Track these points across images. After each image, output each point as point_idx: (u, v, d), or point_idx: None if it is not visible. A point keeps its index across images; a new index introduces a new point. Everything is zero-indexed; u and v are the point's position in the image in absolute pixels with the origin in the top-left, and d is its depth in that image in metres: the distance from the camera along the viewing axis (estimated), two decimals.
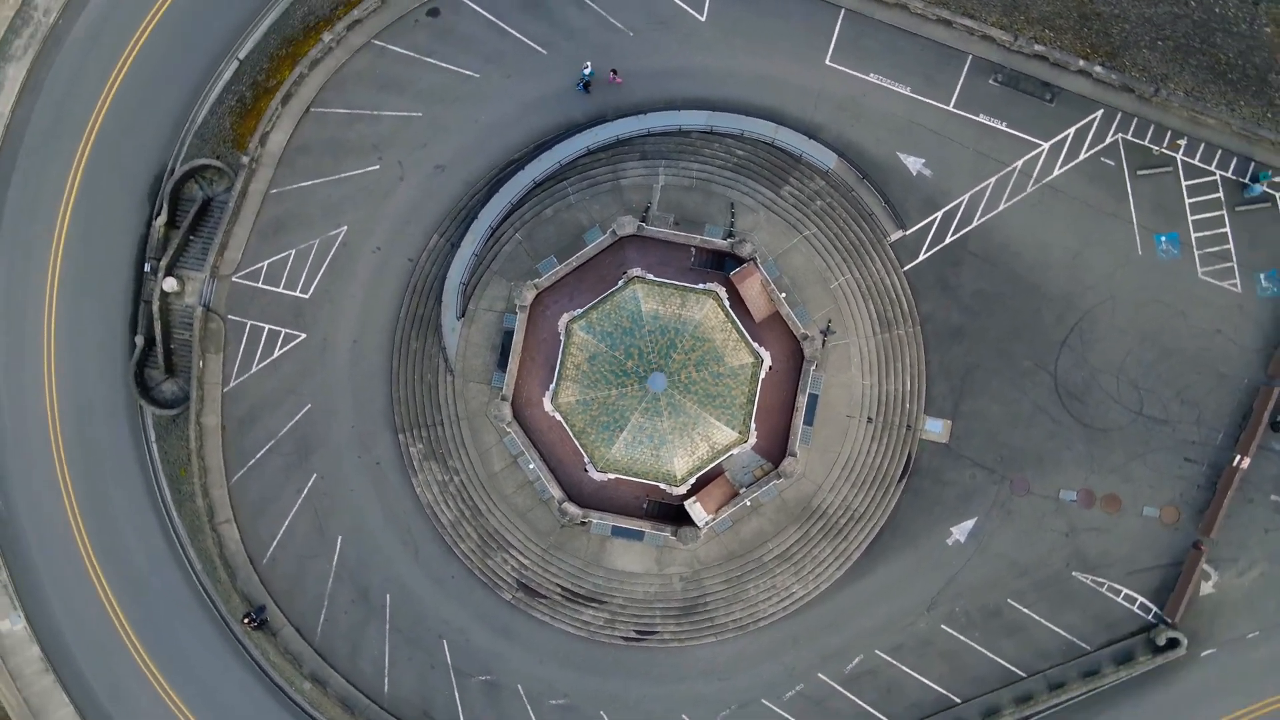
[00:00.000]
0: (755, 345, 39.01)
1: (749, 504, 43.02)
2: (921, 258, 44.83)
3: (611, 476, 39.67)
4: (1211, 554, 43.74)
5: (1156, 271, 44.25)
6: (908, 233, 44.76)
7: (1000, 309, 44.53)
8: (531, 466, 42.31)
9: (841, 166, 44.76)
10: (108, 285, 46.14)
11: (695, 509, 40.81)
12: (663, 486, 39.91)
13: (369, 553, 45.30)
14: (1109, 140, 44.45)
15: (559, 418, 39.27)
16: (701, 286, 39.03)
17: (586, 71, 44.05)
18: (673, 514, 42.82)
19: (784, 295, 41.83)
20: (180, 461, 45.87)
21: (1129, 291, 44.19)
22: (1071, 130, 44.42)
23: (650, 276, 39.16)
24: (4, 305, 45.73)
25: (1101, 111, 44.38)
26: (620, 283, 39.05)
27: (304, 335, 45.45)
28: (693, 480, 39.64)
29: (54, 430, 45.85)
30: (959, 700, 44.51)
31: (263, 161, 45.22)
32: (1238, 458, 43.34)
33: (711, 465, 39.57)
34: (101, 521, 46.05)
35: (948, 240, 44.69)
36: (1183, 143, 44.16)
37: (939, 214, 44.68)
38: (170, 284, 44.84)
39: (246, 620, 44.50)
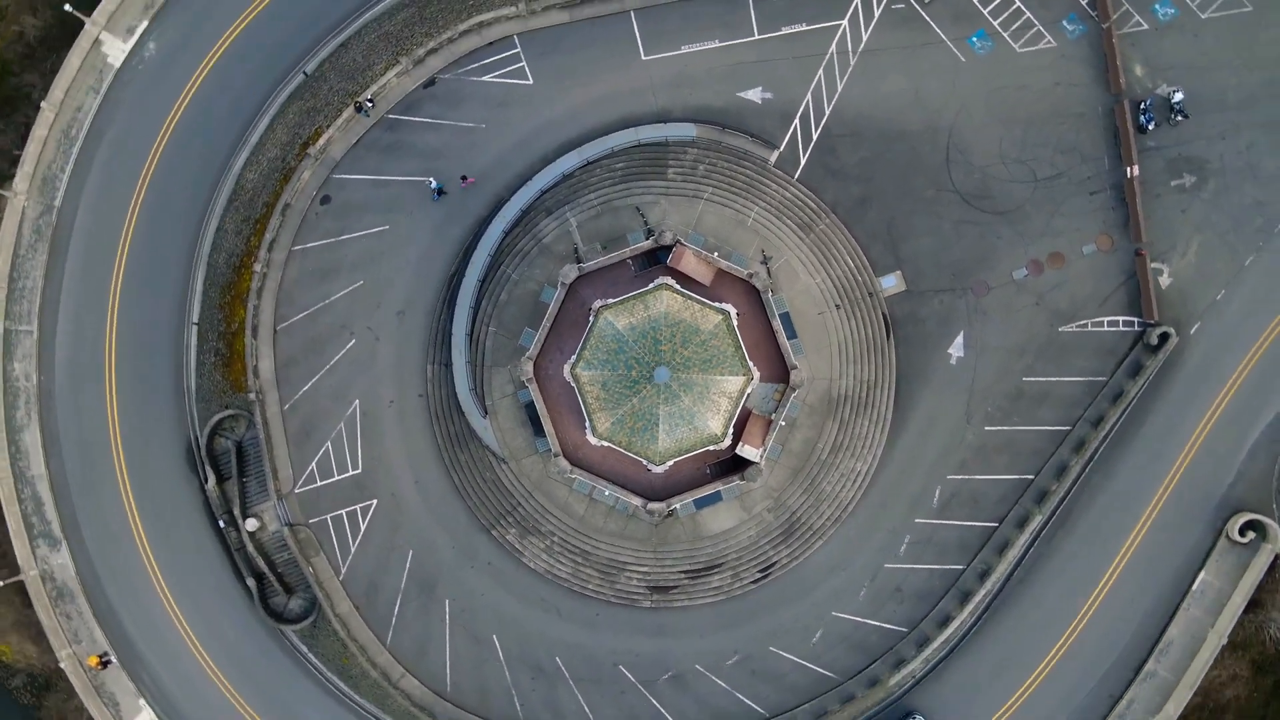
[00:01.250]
0: (716, 304, 45.13)
1: (784, 423, 49.29)
2: (804, 161, 51.17)
3: (670, 463, 45.77)
4: (1153, 253, 50.12)
5: (983, 67, 50.75)
6: (782, 149, 51.11)
7: (884, 164, 50.93)
8: (607, 493, 48.43)
9: (703, 130, 51.09)
10: (200, 557, 51.87)
11: (746, 450, 46.97)
12: (712, 448, 46.01)
13: (523, 634, 51.40)
14: None
15: (606, 444, 45.40)
16: (652, 285, 45.04)
17: (433, 185, 50.70)
18: (732, 465, 48.97)
19: (716, 254, 48.10)
20: (338, 653, 51.82)
21: (972, 95, 50.65)
22: (857, 1, 50.87)
23: (610, 300, 45.28)
24: (134, 625, 51.32)
25: None
26: (591, 318, 45.19)
27: (375, 500, 51.53)
28: (731, 431, 45.77)
29: (230, 693, 51.46)
30: (1033, 476, 50.76)
31: (265, 390, 51.36)
32: (1128, 169, 49.75)
33: (739, 411, 45.65)
34: None
35: (815, 137, 51.07)
36: None
37: (796, 121, 51.07)
38: (251, 524, 50.89)
39: None
